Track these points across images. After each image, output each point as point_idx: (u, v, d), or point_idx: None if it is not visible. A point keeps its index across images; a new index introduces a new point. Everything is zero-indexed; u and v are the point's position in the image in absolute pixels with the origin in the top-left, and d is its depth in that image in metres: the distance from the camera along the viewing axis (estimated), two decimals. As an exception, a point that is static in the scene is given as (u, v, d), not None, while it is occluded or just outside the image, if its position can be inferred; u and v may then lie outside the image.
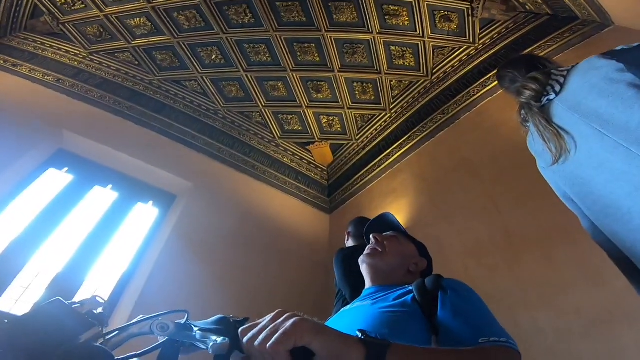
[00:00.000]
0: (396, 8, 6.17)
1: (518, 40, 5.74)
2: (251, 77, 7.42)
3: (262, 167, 7.81)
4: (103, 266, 5.27)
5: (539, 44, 5.45)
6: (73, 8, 6.32)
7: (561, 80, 1.56)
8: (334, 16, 6.45)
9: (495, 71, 2.06)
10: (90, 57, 6.81)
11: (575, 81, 1.50)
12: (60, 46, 6.63)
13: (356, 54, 6.91)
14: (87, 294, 4.55)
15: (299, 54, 7.05)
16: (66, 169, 5.76)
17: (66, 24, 6.50)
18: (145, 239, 5.85)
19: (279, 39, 6.81)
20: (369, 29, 6.53)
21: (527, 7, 5.54)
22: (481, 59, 6.19)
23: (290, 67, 7.24)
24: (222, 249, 6.10)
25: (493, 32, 6.02)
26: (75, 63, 6.65)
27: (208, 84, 7.48)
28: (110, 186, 6.05)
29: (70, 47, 6.70)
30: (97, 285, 5.08)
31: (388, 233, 1.97)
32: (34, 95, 5.90)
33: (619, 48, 1.46)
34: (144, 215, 6.17)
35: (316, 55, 7.03)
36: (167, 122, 7.00)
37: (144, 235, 5.88)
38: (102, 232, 5.51)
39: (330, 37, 6.72)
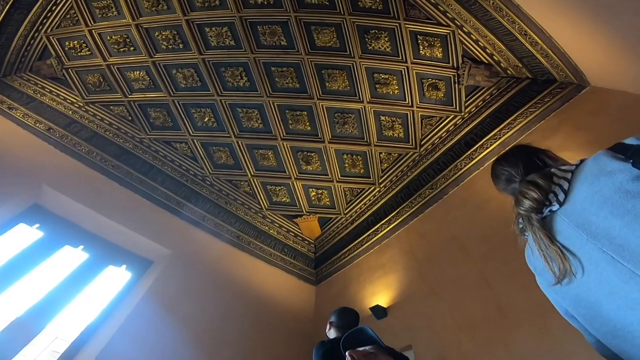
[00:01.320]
0: (387, 76, 6.52)
1: (502, 107, 6.00)
2: (242, 143, 7.56)
3: (247, 237, 7.67)
4: (65, 319, 5.10)
5: (521, 110, 5.70)
6: (80, 53, 6.64)
7: (565, 185, 1.36)
8: (327, 84, 6.78)
9: (491, 166, 1.86)
10: (86, 107, 6.97)
11: (582, 190, 1.29)
12: (59, 92, 6.81)
13: (347, 124, 7.12)
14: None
15: (290, 122, 7.26)
16: (37, 225, 5.59)
17: (69, 70, 6.76)
18: (113, 302, 5.60)
19: (272, 105, 7.07)
20: (359, 98, 6.81)
21: (508, 71, 5.90)
22: (467, 128, 6.40)
23: (281, 135, 7.41)
24: (199, 318, 5.82)
25: (478, 100, 6.31)
26: (70, 112, 6.77)
27: (198, 147, 7.60)
28: (81, 247, 5.86)
29: (69, 94, 6.89)
30: (56, 335, 4.93)
31: (366, 348, 1.76)
32: (21, 143, 5.91)
33: (631, 141, 1.27)
34: (115, 278, 5.95)
35: (307, 124, 7.24)
36: (152, 185, 6.95)
37: (111, 297, 5.64)
38: (67, 289, 5.33)
39: (322, 105, 6.99)
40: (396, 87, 6.59)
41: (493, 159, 1.85)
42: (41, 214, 5.66)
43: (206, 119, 7.33)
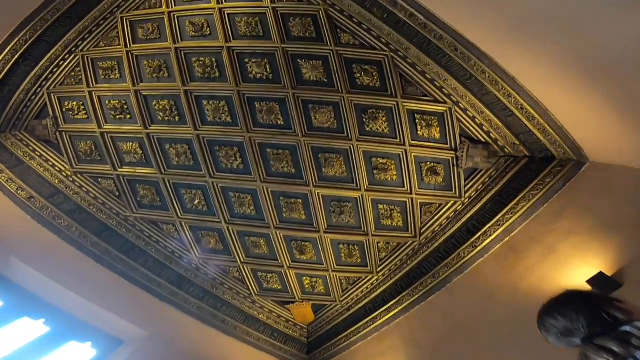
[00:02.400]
0: (385, 161, 6.55)
1: (502, 191, 5.98)
2: (233, 230, 7.40)
3: (233, 322, 7.28)
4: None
5: (523, 193, 5.68)
6: (76, 117, 6.73)
7: None
8: (323, 169, 6.78)
9: (539, 313, 1.66)
10: (73, 177, 6.91)
11: None
12: (48, 157, 6.78)
13: (343, 213, 7.02)
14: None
15: (284, 210, 7.17)
16: (-3, 294, 5.49)
17: (63, 133, 6.79)
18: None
19: (266, 191, 7.01)
20: (357, 185, 6.79)
21: (506, 150, 5.99)
22: (468, 215, 6.32)
23: (275, 224, 7.26)
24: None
25: (478, 183, 6.31)
26: (57, 181, 6.71)
27: (186, 230, 7.41)
28: (43, 320, 5.66)
29: (58, 160, 6.85)
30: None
31: None
32: (-1, 211, 5.88)
33: None
34: (77, 354, 5.74)
35: (302, 213, 7.16)
36: (132, 266, 6.73)
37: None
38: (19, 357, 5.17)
39: (318, 193, 6.92)
40: (394, 173, 6.62)
41: (541, 308, 1.66)
42: (4, 284, 5.56)
43: (196, 201, 7.25)
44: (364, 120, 6.37)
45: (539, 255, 5.04)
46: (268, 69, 6.23)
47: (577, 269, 4.65)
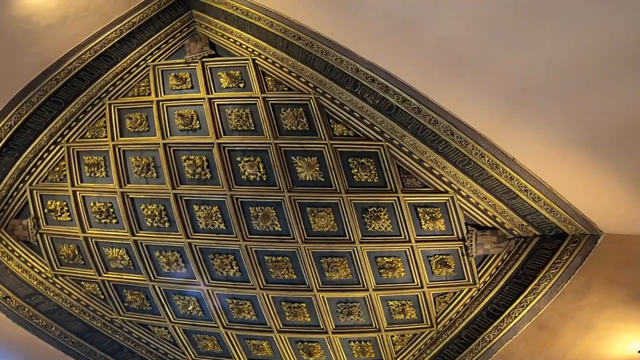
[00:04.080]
0: (390, 260, 6.54)
1: (518, 272, 5.94)
2: (232, 334, 7.27)
3: None
4: None
5: (542, 273, 5.60)
6: (59, 218, 6.77)
7: None
8: (327, 274, 6.74)
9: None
10: (54, 279, 6.89)
11: None
12: (27, 258, 6.77)
13: (352, 314, 6.92)
14: None
15: (287, 314, 7.09)
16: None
17: (44, 235, 6.82)
18: None
19: (266, 297, 6.93)
20: (364, 285, 6.73)
21: (514, 232, 6.05)
22: (486, 299, 6.23)
23: (278, 327, 7.16)
24: None
25: (491, 268, 6.30)
26: (35, 282, 6.67)
27: (180, 333, 7.32)
28: None
29: (38, 262, 6.84)
30: None
31: None
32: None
33: None
34: None
35: (307, 316, 7.05)
36: None
37: None
38: None
39: (322, 296, 6.85)
40: (402, 270, 6.60)
41: None
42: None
43: (190, 307, 7.17)
44: (366, 220, 6.42)
45: (575, 331, 5.01)
46: (261, 169, 6.33)
47: (621, 340, 4.64)
